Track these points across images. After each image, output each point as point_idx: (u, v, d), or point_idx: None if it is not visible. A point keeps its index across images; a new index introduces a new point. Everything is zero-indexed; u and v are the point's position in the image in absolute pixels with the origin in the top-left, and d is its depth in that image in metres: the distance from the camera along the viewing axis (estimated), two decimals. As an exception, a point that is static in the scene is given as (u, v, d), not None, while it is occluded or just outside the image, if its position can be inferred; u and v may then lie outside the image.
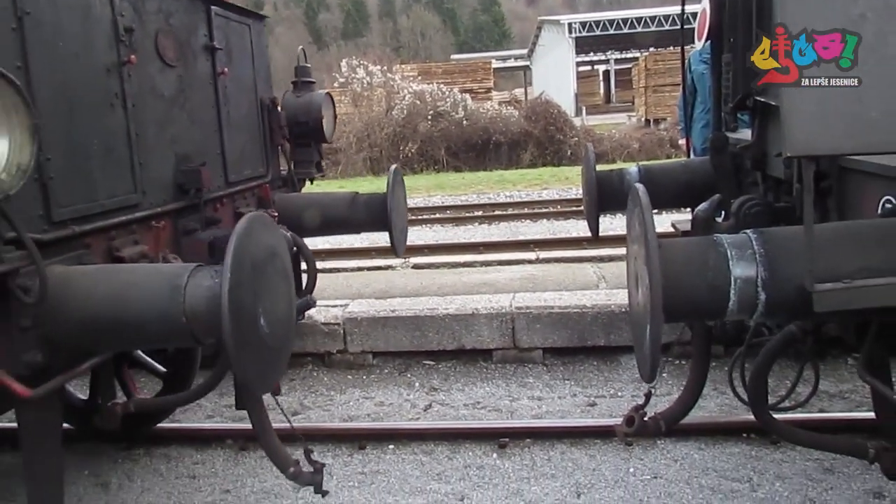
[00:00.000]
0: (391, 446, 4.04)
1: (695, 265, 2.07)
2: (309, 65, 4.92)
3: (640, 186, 2.07)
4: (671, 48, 28.27)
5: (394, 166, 4.41)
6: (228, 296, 1.99)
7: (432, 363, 5.17)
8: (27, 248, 2.08)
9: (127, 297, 2.20)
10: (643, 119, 27.04)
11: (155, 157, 3.16)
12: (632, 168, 4.07)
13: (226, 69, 3.81)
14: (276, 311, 2.28)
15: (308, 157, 4.73)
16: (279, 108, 4.45)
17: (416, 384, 4.91)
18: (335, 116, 4.87)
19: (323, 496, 2.87)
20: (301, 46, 5.21)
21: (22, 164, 2.08)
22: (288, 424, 3.09)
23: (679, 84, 6.19)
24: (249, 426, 4.23)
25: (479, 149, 20.25)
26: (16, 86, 2.05)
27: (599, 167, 4.07)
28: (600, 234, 4.28)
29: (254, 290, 2.14)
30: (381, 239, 8.87)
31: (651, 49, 32.35)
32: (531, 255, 7.93)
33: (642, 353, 2.08)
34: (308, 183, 4.94)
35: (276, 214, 3.86)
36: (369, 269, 7.72)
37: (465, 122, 20.40)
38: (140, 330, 2.21)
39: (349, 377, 5.05)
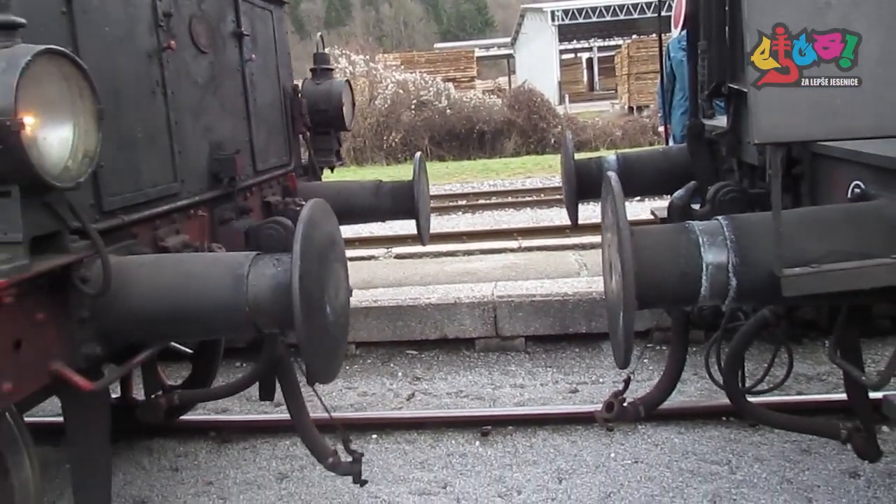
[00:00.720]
0: (374, 436, 4.06)
1: (667, 252, 2.09)
2: (327, 51, 4.87)
3: (612, 175, 2.09)
4: (654, 35, 28.30)
5: (418, 154, 4.39)
6: (299, 284, 1.97)
7: (415, 353, 5.19)
8: (91, 238, 2.05)
9: (189, 287, 2.16)
10: (626, 106, 27.10)
11: (191, 145, 3.10)
12: (610, 156, 4.09)
13: (253, 55, 3.76)
14: (338, 298, 2.26)
15: (328, 146, 4.65)
16: (300, 96, 4.39)
17: (399, 374, 4.93)
18: (354, 104, 4.81)
19: (361, 486, 2.88)
20: (320, 33, 5.16)
21: (88, 150, 2.04)
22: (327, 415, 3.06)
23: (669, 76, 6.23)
24: (231, 418, 4.28)
25: (462, 138, 20.24)
26: (83, 69, 2.01)
27: (583, 155, 4.09)
28: (582, 222, 4.29)
29: (320, 279, 2.12)
30: (364, 230, 8.91)
31: (634, 36, 32.38)
32: (513, 244, 7.95)
33: (616, 340, 2.11)
34: (330, 171, 4.88)
35: (304, 203, 3.81)
36: (351, 259, 7.67)
37: (448, 111, 20.37)
38: (201, 320, 2.17)
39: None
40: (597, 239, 7.54)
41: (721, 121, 3.59)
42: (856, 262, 1.96)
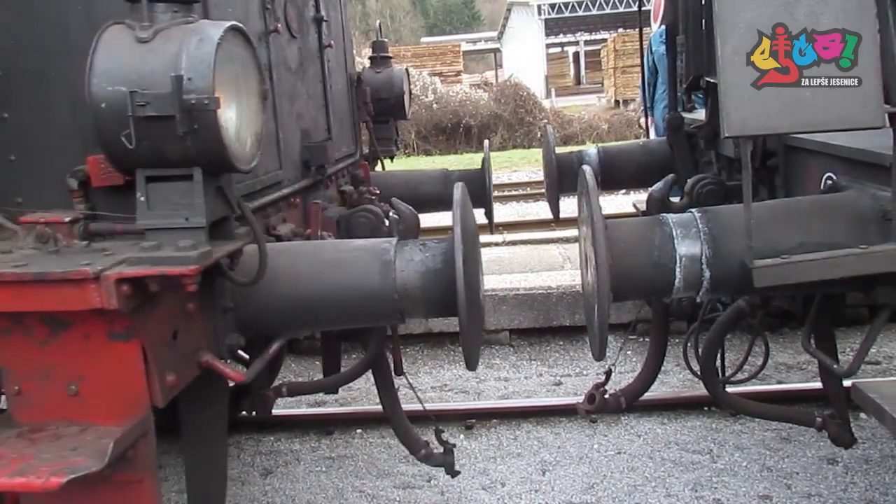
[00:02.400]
0: (359, 430, 4.08)
1: (641, 245, 2.11)
2: (386, 39, 4.82)
3: (587, 169, 2.11)
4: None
5: (486, 142, 4.35)
6: (463, 270, 1.92)
7: (400, 346, 5.19)
8: (250, 225, 1.96)
9: (336, 274, 2.08)
10: (612, 100, 27.14)
11: (288, 132, 3.02)
12: (591, 150, 4.12)
13: (332, 42, 3.67)
14: (482, 284, 2.21)
15: (388, 134, 4.55)
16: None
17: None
18: (411, 93, 4.72)
19: (453, 476, 2.85)
20: (379, 21, 5.09)
21: (257, 132, 1.97)
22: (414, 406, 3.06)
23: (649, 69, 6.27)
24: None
25: (449, 132, 20.20)
26: (252, 48, 1.94)
27: (569, 149, 4.11)
28: (568, 215, 4.31)
29: (476, 263, 2.09)
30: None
31: (620, 30, 32.42)
32: (498, 238, 7.96)
33: (592, 332, 2.13)
34: (390, 161, 4.80)
35: (378, 192, 3.73)
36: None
37: (434, 105, 20.32)
38: (348, 308, 2.09)
39: (317, 363, 5.05)
40: (581, 232, 7.56)
41: (701, 114, 3.63)
42: (825, 252, 2.00)
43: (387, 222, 3.00)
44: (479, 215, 3.91)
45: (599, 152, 4.05)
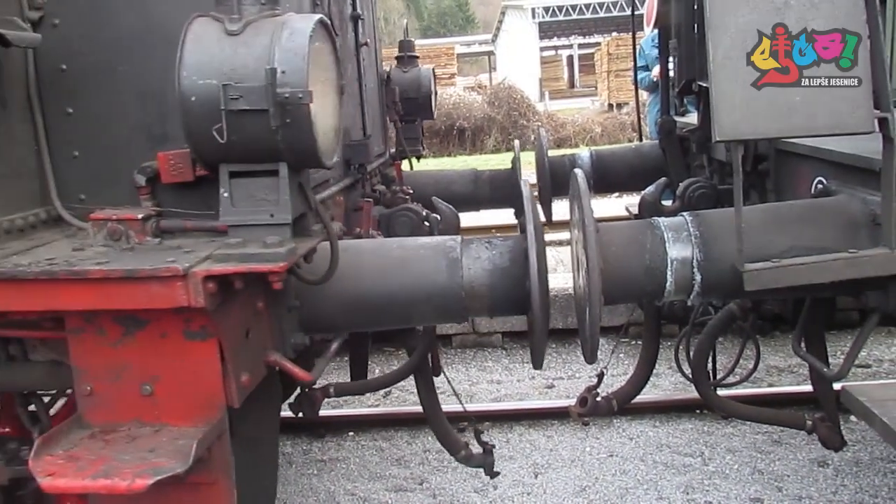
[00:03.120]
0: (351, 433, 4.07)
1: (632, 248, 2.12)
2: (413, 39, 4.81)
3: (578, 172, 2.11)
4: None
5: (516, 142, 4.35)
6: (537, 267, 1.89)
7: (392, 349, 5.20)
8: (323, 222, 1.92)
9: (402, 272, 2.04)
10: (606, 103, 27.20)
11: None
12: (584, 153, 4.13)
13: (367, 40, 3.65)
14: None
15: (414, 134, 4.50)
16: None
17: (377, 371, 4.93)
18: (436, 93, 4.70)
19: (492, 478, 2.83)
20: (405, 20, 5.08)
21: (336, 126, 1.93)
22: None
23: (641, 68, 6.30)
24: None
25: (442, 134, 20.19)
26: (333, 42, 1.90)
27: (562, 152, 4.11)
28: (560, 218, 4.30)
29: (545, 262, 2.06)
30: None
31: (614, 33, 32.52)
32: (492, 241, 7.96)
33: (584, 335, 2.13)
34: (417, 161, 4.78)
35: (412, 192, 3.72)
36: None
37: (428, 107, 20.30)
38: (414, 306, 2.05)
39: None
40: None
41: (693, 118, 3.64)
42: (816, 256, 2.00)
43: (426, 222, 2.98)
44: (509, 214, 3.98)
45: (592, 156, 4.06)
